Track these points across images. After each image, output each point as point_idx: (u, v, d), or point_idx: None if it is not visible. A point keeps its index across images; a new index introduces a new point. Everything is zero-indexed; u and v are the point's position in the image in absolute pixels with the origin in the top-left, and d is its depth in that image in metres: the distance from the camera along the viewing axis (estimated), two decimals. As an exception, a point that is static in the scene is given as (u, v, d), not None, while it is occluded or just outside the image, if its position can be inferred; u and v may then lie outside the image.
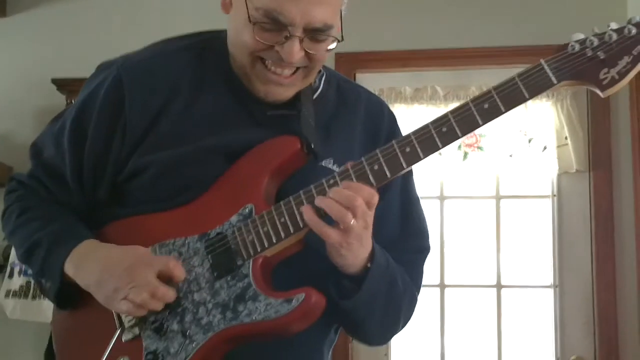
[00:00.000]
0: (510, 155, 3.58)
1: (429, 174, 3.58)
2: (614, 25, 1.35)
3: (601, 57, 1.34)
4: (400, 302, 1.53)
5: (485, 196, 3.74)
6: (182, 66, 1.53)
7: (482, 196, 3.75)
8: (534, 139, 3.58)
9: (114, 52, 1.65)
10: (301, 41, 1.40)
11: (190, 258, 1.42)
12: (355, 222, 1.32)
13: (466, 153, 3.62)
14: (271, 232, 1.38)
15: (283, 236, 1.38)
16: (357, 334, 1.58)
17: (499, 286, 3.67)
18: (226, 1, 1.48)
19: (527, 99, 1.35)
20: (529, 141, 3.58)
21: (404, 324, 1.57)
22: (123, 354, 1.41)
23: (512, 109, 1.35)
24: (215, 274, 1.39)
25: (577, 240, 3.60)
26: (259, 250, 1.38)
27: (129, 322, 1.42)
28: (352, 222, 1.32)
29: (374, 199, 1.34)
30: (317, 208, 1.34)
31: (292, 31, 1.38)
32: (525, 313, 3.65)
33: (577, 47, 1.35)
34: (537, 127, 3.57)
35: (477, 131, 1.36)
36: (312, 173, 1.44)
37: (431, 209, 3.65)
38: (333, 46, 1.45)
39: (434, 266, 3.63)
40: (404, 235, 1.45)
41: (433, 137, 1.35)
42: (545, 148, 3.57)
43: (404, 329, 1.60)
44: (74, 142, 1.53)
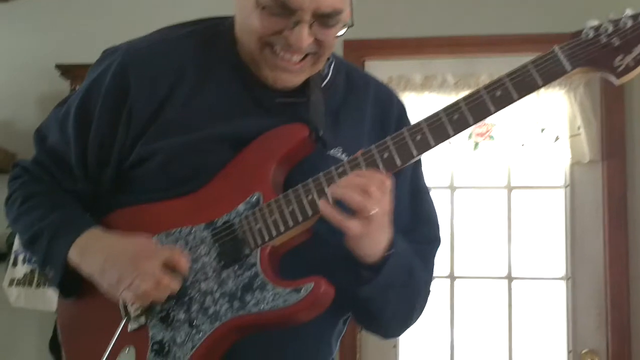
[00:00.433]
0: (522, 145, 3.57)
1: (439, 164, 3.58)
2: (629, 12, 1.35)
3: (616, 44, 1.34)
4: (417, 291, 1.53)
5: (497, 186, 3.73)
6: (188, 52, 1.53)
7: (493, 186, 3.74)
8: (546, 129, 3.57)
9: (119, 37, 1.66)
10: (310, 26, 1.40)
11: (197, 247, 1.43)
12: (376, 211, 1.32)
13: (477, 142, 3.62)
14: (279, 221, 1.38)
15: (291, 225, 1.38)
16: (372, 325, 1.58)
17: (510, 278, 3.67)
18: None
19: (541, 86, 1.35)
20: (541, 130, 3.57)
21: (418, 315, 1.57)
22: (129, 344, 1.42)
23: (525, 96, 1.35)
24: (222, 263, 1.40)
25: (589, 231, 3.59)
26: (267, 239, 1.39)
27: (134, 311, 1.43)
28: (373, 211, 1.32)
29: (387, 183, 1.34)
30: (332, 200, 1.34)
31: (301, 16, 1.38)
32: (537, 305, 3.64)
33: (592, 34, 1.35)
34: (549, 116, 3.56)
35: (488, 120, 1.37)
36: (321, 161, 1.44)
37: (441, 200, 3.65)
38: (343, 32, 1.45)
39: (444, 257, 3.63)
40: (414, 226, 1.46)
41: (444, 125, 1.35)
42: (557, 138, 3.55)
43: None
44: (79, 128, 1.53)
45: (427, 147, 1.36)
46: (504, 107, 1.36)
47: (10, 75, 4.01)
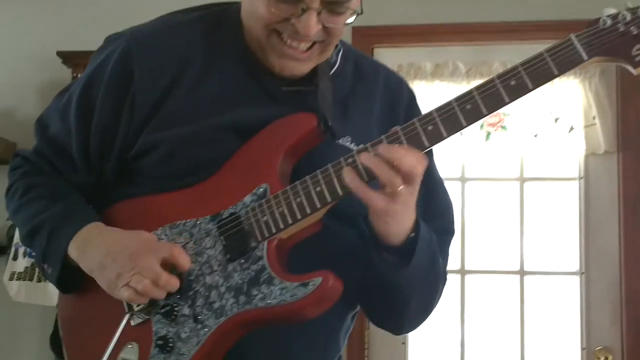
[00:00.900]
0: (535, 136, 3.57)
1: (450, 155, 3.57)
2: (647, 0, 1.34)
3: (634, 33, 1.33)
4: (438, 279, 1.53)
5: (509, 178, 3.73)
6: (194, 39, 1.53)
7: (506, 178, 3.74)
8: (560, 119, 3.56)
9: (122, 23, 1.66)
10: (318, 14, 1.39)
11: (202, 239, 1.42)
12: (404, 187, 1.32)
13: (489, 133, 3.61)
14: (287, 213, 1.38)
15: (299, 217, 1.37)
16: (390, 317, 1.57)
17: (522, 272, 3.67)
18: None
19: (556, 76, 1.34)
20: (555, 121, 3.56)
21: (434, 307, 1.57)
22: (131, 340, 1.42)
23: (540, 86, 1.34)
24: (228, 256, 1.40)
25: (604, 224, 3.59)
26: (274, 231, 1.38)
27: (137, 305, 1.42)
28: (400, 187, 1.31)
29: (423, 163, 1.33)
30: (359, 171, 1.33)
31: (309, 3, 1.38)
32: (550, 301, 3.65)
33: (609, 22, 1.34)
34: (563, 106, 3.55)
35: (501, 110, 1.36)
36: (329, 151, 1.43)
37: (452, 191, 3.63)
38: (352, 19, 1.45)
39: (455, 251, 3.62)
40: (427, 217, 1.45)
41: (457, 115, 1.35)
42: (572, 128, 3.55)
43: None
44: (81, 117, 1.53)
45: (439, 138, 1.35)
46: (519, 97, 1.35)
47: (10, 63, 4.01)
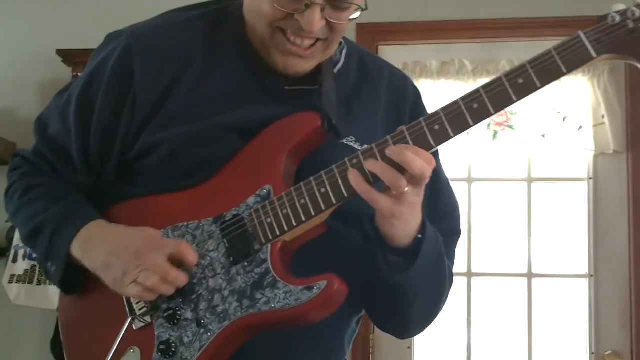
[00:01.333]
0: (543, 135, 3.56)
1: (456, 155, 3.57)
2: (656, -4, 1.34)
3: (644, 30, 1.33)
4: (444, 282, 1.53)
5: (516, 179, 3.73)
6: (195, 36, 1.53)
7: (513, 179, 3.73)
8: (568, 118, 3.56)
9: (123, 21, 1.66)
10: (322, 9, 1.39)
11: (205, 242, 1.42)
12: (410, 188, 1.32)
13: (496, 132, 3.61)
14: (291, 215, 1.38)
15: (304, 219, 1.37)
16: (395, 321, 1.57)
17: (530, 275, 3.66)
18: None
19: (565, 74, 1.34)
20: (563, 120, 3.56)
21: (440, 311, 1.57)
22: (133, 344, 1.42)
23: (548, 84, 1.34)
24: (232, 259, 1.40)
25: (614, 226, 3.59)
26: (278, 233, 1.38)
27: (140, 309, 1.43)
28: (406, 188, 1.31)
29: (432, 163, 1.33)
30: (364, 173, 1.33)
31: None
32: (558, 304, 3.64)
33: (618, 19, 1.34)
34: (572, 104, 3.55)
35: (508, 109, 1.36)
36: (333, 151, 1.43)
37: (458, 192, 3.63)
38: (356, 15, 1.45)
39: (461, 253, 3.62)
40: (433, 218, 1.45)
41: (463, 114, 1.34)
42: (580, 127, 3.54)
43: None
44: (81, 116, 1.53)
45: (446, 137, 1.35)
46: (527, 95, 1.35)
47: (10, 62, 4.02)
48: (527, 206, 3.70)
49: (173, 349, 1.38)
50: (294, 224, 1.38)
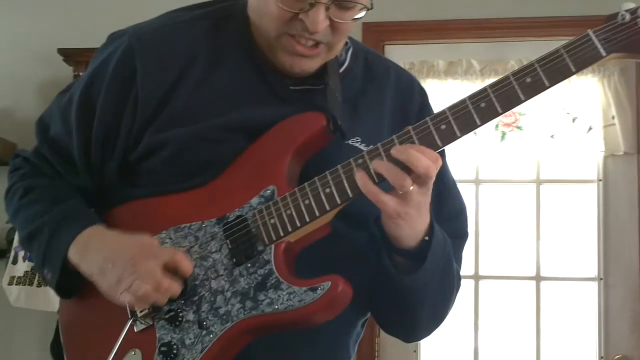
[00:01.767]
0: (552, 136, 3.56)
1: (463, 156, 3.57)
2: (667, -5, 1.34)
3: (654, 28, 1.33)
4: (452, 286, 1.53)
5: (525, 180, 3.73)
6: (199, 36, 1.53)
7: (521, 180, 3.73)
8: (578, 118, 3.55)
9: (126, 20, 1.66)
10: (327, 8, 1.39)
11: (208, 243, 1.43)
12: (416, 187, 1.32)
13: (504, 133, 3.61)
14: (295, 216, 1.38)
15: (308, 220, 1.38)
16: (401, 325, 1.57)
17: (539, 278, 3.66)
18: None
19: (574, 73, 1.34)
20: (573, 120, 3.56)
21: (446, 316, 1.57)
22: (134, 346, 1.42)
23: (557, 83, 1.34)
24: (234, 260, 1.40)
25: (624, 228, 3.58)
26: (282, 234, 1.38)
27: (141, 311, 1.43)
28: (411, 187, 1.31)
29: (438, 162, 1.33)
30: (370, 173, 1.34)
31: None
32: (567, 308, 3.64)
33: (628, 17, 1.34)
34: (581, 105, 3.54)
35: (516, 109, 1.36)
36: (338, 152, 1.43)
37: (466, 194, 3.62)
38: (361, 15, 1.45)
39: (468, 256, 3.61)
40: (439, 220, 1.45)
41: (471, 114, 1.34)
42: (590, 128, 3.54)
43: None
44: (82, 117, 1.54)
45: (453, 137, 1.35)
46: (535, 95, 1.35)
47: (10, 61, 4.02)
48: (535, 208, 3.69)
49: (174, 351, 1.39)
50: (298, 224, 1.38)
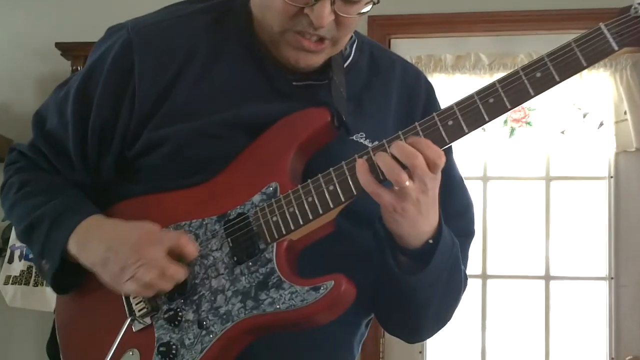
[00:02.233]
0: (562, 132, 3.56)
1: (472, 152, 3.57)
2: (682, -13, 1.34)
3: (668, 22, 1.32)
4: (459, 286, 1.53)
5: (534, 177, 3.73)
6: (199, 30, 1.53)
7: (531, 177, 3.73)
8: (589, 114, 3.55)
9: (125, 13, 1.66)
10: (332, 3, 1.39)
11: (208, 241, 1.42)
12: (411, 183, 1.31)
13: (513, 129, 3.60)
14: (298, 213, 1.38)
15: (311, 217, 1.37)
16: (404, 326, 1.57)
17: (548, 277, 3.66)
18: None
19: (585, 67, 1.33)
20: (584, 116, 3.55)
21: (450, 318, 1.56)
22: (132, 346, 1.42)
23: (568, 78, 1.34)
24: (235, 258, 1.40)
25: (635, 226, 3.58)
26: (284, 232, 1.38)
27: (139, 310, 1.43)
28: (406, 183, 1.31)
29: (441, 159, 1.32)
30: (373, 167, 1.33)
31: None
32: (577, 308, 3.64)
33: (641, 10, 1.34)
34: (592, 100, 3.54)
35: (526, 105, 1.35)
36: (343, 148, 1.43)
37: (474, 191, 3.63)
38: (367, 9, 1.44)
39: (476, 254, 3.63)
40: (445, 217, 1.44)
41: (479, 109, 1.34)
42: (601, 124, 3.54)
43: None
44: (78, 112, 1.54)
45: (460, 133, 1.35)
46: (545, 90, 1.34)
47: (7, 55, 4.03)
48: (545, 206, 3.69)
49: (173, 352, 1.38)
50: (301, 222, 1.38)
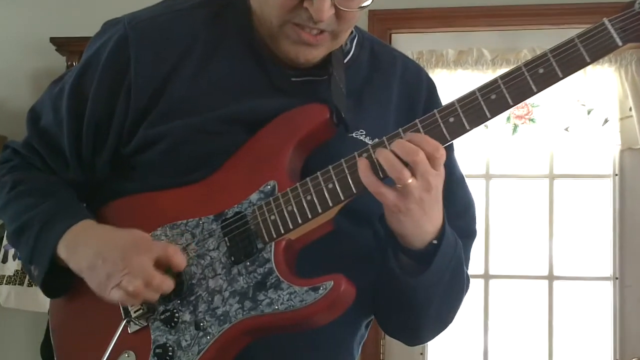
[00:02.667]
0: (566, 129, 3.56)
1: (473, 150, 3.57)
2: (687, -18, 1.34)
3: (672, 17, 1.32)
4: (461, 288, 1.53)
5: (537, 175, 3.73)
6: (197, 25, 1.53)
7: (534, 175, 3.73)
8: (593, 110, 3.55)
9: (121, 8, 1.66)
10: (332, -4, 1.39)
11: (205, 240, 1.42)
12: (414, 181, 1.31)
13: (516, 126, 3.60)
14: (296, 212, 1.38)
15: (310, 216, 1.37)
16: (404, 328, 1.57)
17: (551, 277, 3.66)
18: None
19: (588, 63, 1.34)
20: (588, 112, 3.55)
21: (452, 320, 1.56)
22: (128, 348, 1.42)
23: (571, 74, 1.34)
24: (233, 258, 1.40)
25: (640, 225, 3.58)
26: (283, 232, 1.38)
27: (135, 311, 1.43)
28: (409, 180, 1.31)
29: (439, 152, 1.31)
30: (374, 165, 1.33)
31: None
32: (581, 308, 3.64)
33: (646, 5, 1.34)
34: (597, 96, 3.54)
35: (529, 101, 1.36)
36: (342, 145, 1.43)
37: (476, 189, 3.63)
38: (367, 3, 1.44)
39: (478, 254, 3.63)
40: (448, 218, 1.45)
41: (480, 106, 1.34)
42: (606, 120, 3.54)
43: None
44: (73, 108, 1.53)
45: (462, 130, 1.35)
46: (548, 86, 1.34)
47: (1, 50, 4.02)
48: (548, 204, 3.69)
49: (170, 353, 1.38)
50: (300, 221, 1.37)
